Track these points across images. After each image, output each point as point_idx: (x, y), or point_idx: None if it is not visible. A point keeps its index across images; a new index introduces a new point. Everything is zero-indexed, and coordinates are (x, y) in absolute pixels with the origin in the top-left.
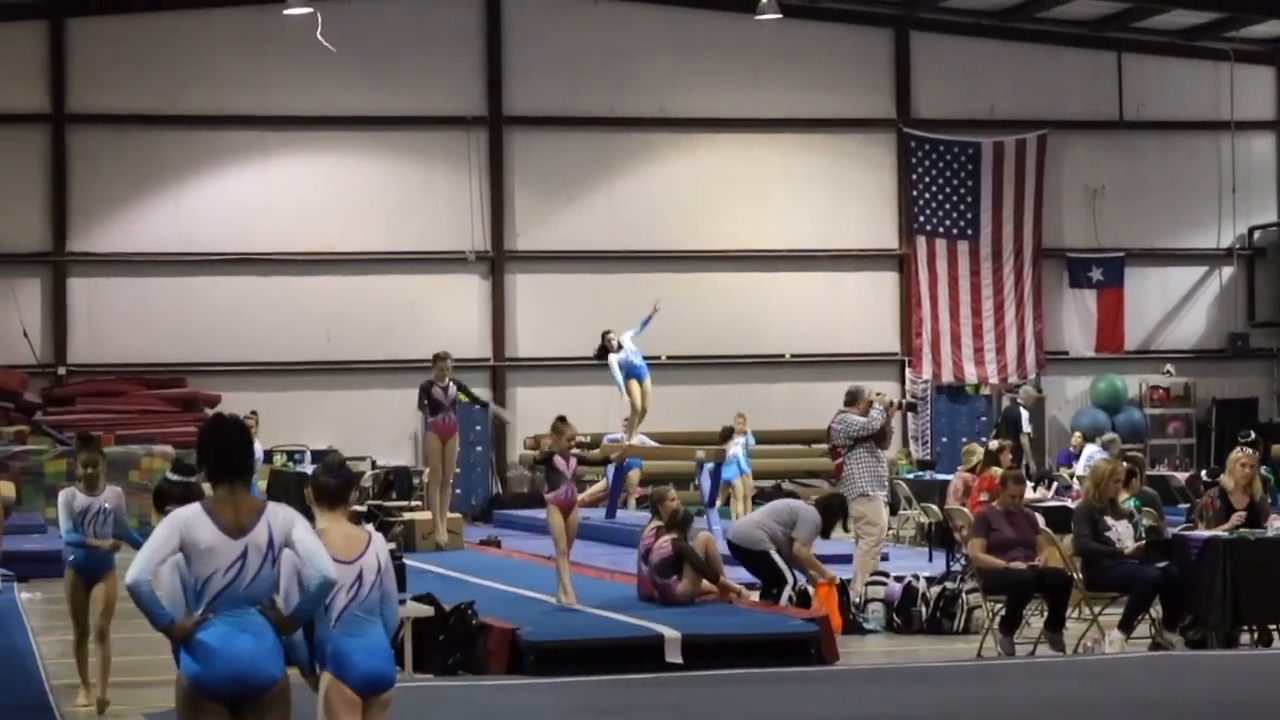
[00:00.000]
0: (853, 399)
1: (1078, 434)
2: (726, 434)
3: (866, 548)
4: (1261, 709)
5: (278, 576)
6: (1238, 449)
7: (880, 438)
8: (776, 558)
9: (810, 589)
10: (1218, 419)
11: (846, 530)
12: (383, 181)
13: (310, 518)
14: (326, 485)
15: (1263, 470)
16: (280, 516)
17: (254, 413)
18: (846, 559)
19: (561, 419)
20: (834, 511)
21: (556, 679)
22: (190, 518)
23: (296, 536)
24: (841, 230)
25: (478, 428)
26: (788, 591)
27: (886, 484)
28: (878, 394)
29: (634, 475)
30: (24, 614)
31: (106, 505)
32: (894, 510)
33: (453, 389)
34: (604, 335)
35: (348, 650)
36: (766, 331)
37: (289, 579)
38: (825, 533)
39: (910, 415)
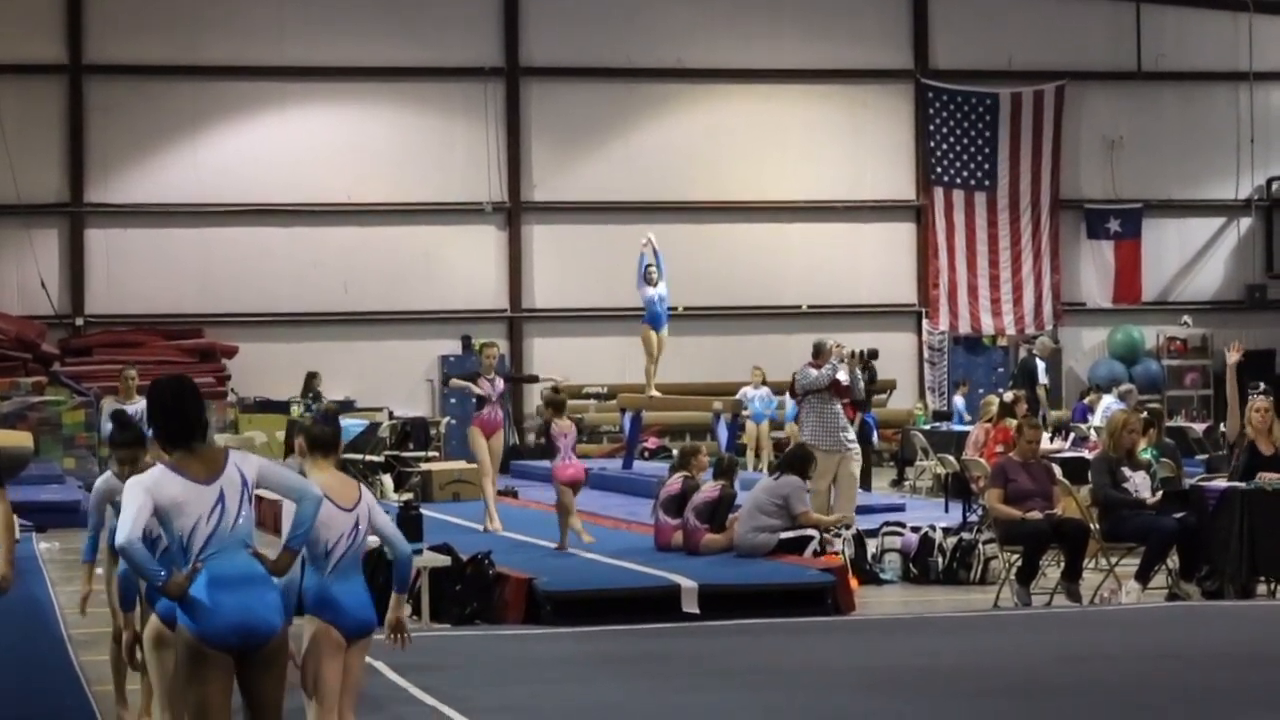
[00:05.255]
0: (817, 352)
1: (1092, 391)
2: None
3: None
4: (1278, 659)
5: (255, 516)
6: (1251, 397)
7: (839, 390)
8: (788, 534)
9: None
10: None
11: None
12: (400, 132)
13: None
14: (322, 434)
15: None
16: (243, 457)
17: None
18: (864, 510)
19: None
20: (798, 462)
21: (573, 628)
22: (157, 477)
23: (267, 473)
24: (859, 181)
25: None
26: (813, 546)
27: (844, 435)
28: (837, 345)
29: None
30: (42, 564)
31: None
32: (909, 461)
33: (500, 383)
34: (647, 268)
35: (339, 596)
36: (784, 283)
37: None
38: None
39: (928, 367)
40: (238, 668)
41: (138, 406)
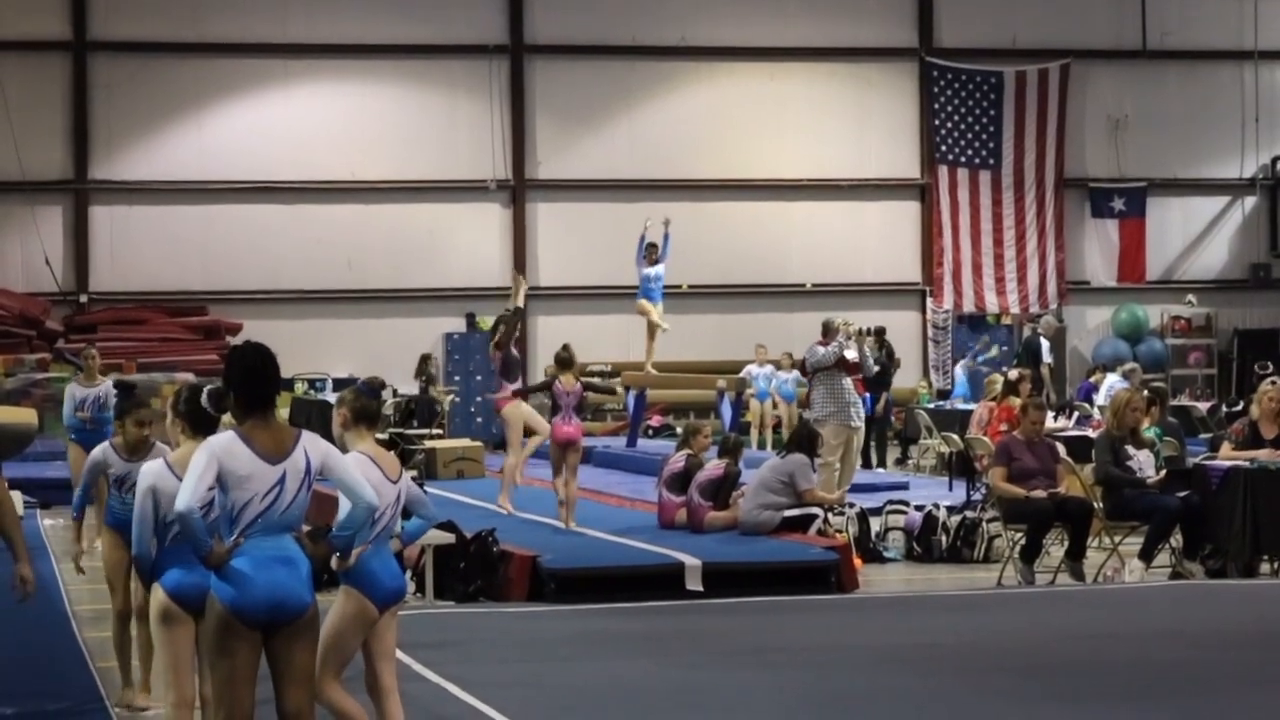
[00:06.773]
0: (825, 330)
1: (1098, 370)
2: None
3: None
4: None
5: (310, 503)
6: (1266, 382)
7: (848, 367)
8: (793, 512)
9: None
10: (1239, 349)
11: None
12: (404, 110)
13: (328, 438)
14: (366, 406)
15: None
16: (316, 444)
17: None
18: (868, 488)
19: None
20: (804, 440)
21: (577, 606)
22: (227, 444)
23: (333, 465)
24: (863, 160)
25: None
26: (817, 524)
27: (851, 408)
28: (844, 323)
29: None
30: (47, 540)
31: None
32: (913, 440)
33: (513, 351)
34: (648, 246)
35: (377, 568)
36: (788, 261)
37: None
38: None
39: (932, 346)
40: (266, 639)
41: (101, 389)
